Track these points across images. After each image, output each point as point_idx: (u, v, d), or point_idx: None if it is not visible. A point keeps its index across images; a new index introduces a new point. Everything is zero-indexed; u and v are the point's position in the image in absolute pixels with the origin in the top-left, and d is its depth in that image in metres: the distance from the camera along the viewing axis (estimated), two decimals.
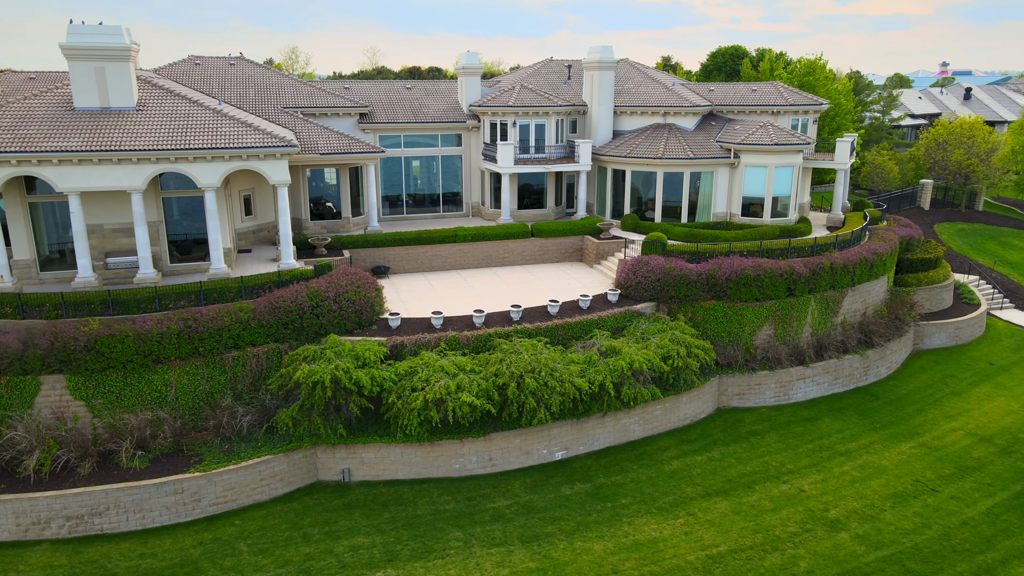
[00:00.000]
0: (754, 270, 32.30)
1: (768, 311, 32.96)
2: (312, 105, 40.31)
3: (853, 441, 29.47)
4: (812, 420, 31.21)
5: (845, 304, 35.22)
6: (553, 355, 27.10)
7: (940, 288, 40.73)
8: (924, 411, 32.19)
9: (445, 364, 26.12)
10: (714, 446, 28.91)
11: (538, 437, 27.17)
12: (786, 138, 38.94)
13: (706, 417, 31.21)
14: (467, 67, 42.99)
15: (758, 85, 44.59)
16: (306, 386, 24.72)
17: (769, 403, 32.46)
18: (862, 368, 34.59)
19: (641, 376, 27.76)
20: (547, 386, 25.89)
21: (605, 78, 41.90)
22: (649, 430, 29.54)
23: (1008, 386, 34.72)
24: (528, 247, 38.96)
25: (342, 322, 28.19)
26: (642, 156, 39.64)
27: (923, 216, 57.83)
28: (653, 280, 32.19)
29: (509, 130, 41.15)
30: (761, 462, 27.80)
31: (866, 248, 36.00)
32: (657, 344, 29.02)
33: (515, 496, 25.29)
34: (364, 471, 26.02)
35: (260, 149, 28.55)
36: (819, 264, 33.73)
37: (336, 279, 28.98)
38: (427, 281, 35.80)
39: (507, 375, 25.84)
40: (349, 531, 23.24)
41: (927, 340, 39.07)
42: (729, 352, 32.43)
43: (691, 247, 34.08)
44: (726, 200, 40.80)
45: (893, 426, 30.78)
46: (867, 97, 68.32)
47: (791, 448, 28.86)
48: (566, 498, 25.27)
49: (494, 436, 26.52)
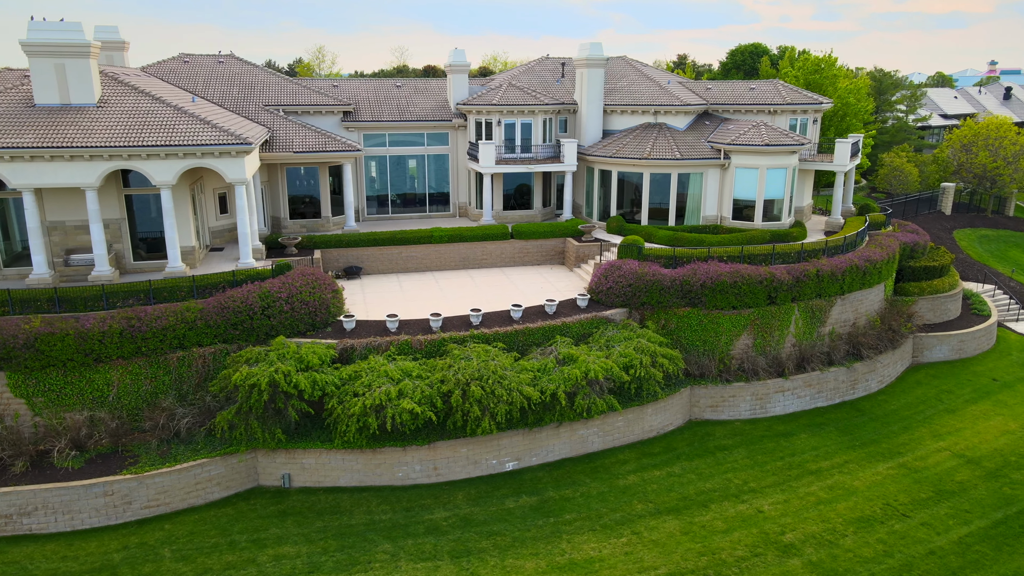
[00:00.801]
0: (731, 276, 30.81)
1: (746, 320, 31.42)
2: (295, 103, 39.96)
3: (827, 459, 27.83)
4: (787, 436, 29.62)
5: (833, 314, 33.44)
6: (505, 362, 26.10)
7: (945, 298, 38.52)
8: (911, 429, 30.31)
9: (391, 369, 25.34)
10: (677, 461, 27.57)
11: (487, 446, 26.21)
12: (779, 138, 37.22)
13: (675, 429, 29.86)
14: (454, 64, 42.21)
15: (757, 83, 42.83)
16: (243, 389, 24.19)
17: (744, 416, 30.94)
18: (849, 381, 32.77)
19: (597, 386, 26.58)
20: (494, 394, 24.89)
21: (594, 76, 40.68)
22: (609, 442, 28.33)
23: (1009, 404, 32.54)
24: (507, 249, 37.98)
25: (294, 323, 27.62)
26: (628, 156, 38.33)
27: (943, 221, 55.13)
28: (624, 285, 30.95)
29: (494, 129, 40.22)
30: (723, 479, 26.39)
31: (858, 255, 34.16)
32: (620, 352, 27.82)
33: (456, 508, 24.39)
34: (305, 477, 25.40)
35: (215, 147, 28.13)
36: (804, 271, 32.06)
37: (291, 280, 28.42)
38: (398, 283, 35.11)
39: (452, 382, 24.95)
40: (277, 539, 22.62)
41: (927, 353, 36.95)
42: (703, 362, 30.99)
43: (668, 251, 32.72)
44: (717, 203, 39.22)
45: (874, 444, 29.02)
46: (892, 96, 65.53)
47: (758, 465, 27.36)
48: (508, 511, 24.27)
49: (439, 445, 25.65)
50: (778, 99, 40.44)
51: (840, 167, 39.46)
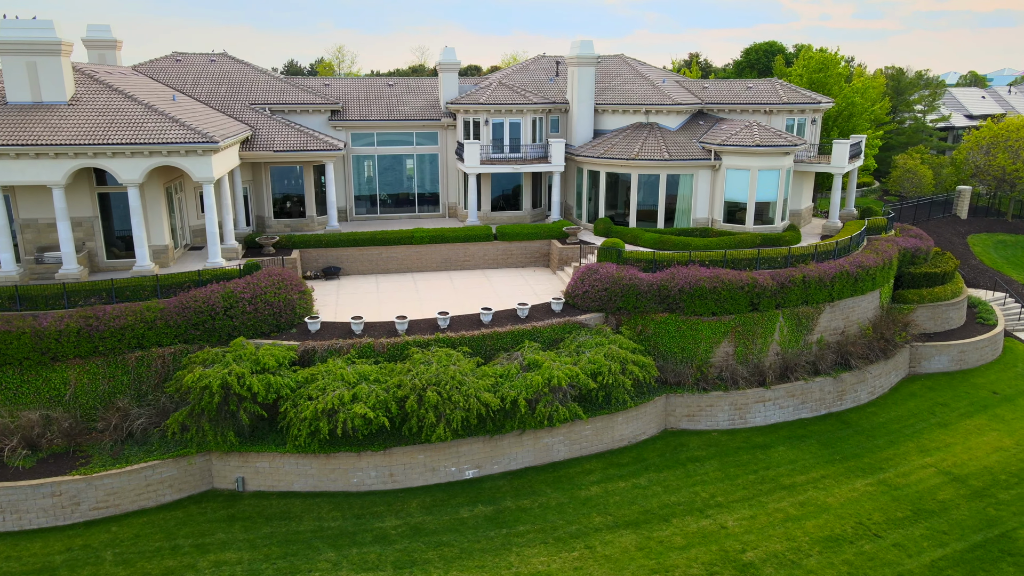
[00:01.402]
0: (711, 282, 29.77)
1: (727, 326, 30.36)
2: (282, 102, 39.74)
3: (803, 474, 26.68)
4: (765, 448, 28.49)
5: (822, 321, 32.17)
6: (465, 367, 25.43)
7: (947, 306, 36.91)
8: (897, 443, 28.97)
9: (347, 373, 24.85)
10: (645, 472, 26.65)
11: (445, 453, 25.57)
12: (771, 139, 35.99)
13: (648, 439, 28.92)
14: (444, 63, 41.65)
15: (754, 82, 41.55)
16: (195, 391, 23.89)
17: (722, 427, 29.86)
18: (836, 392, 31.49)
19: (560, 393, 25.76)
20: (451, 400, 24.26)
21: (584, 74, 39.80)
22: (576, 451, 27.50)
23: (1006, 419, 30.98)
24: (491, 251, 37.29)
25: (258, 324, 27.28)
26: (615, 157, 37.41)
27: (957, 226, 53.12)
28: (600, 290, 30.10)
29: (482, 128, 39.58)
30: (690, 492, 25.40)
31: (850, 260, 32.83)
32: (589, 359, 26.97)
33: (408, 516, 23.79)
34: (259, 481, 25.01)
35: (181, 145, 27.92)
36: (789, 277, 30.87)
37: (256, 280, 28.08)
38: (376, 284, 34.63)
39: (409, 387, 24.37)
40: (222, 545, 22.23)
41: (925, 363, 35.42)
42: (680, 370, 30.00)
43: (648, 254, 31.77)
44: (708, 205, 38.10)
45: (856, 459, 27.77)
46: (910, 96, 63.42)
47: (730, 478, 26.31)
48: (461, 521, 23.60)
49: (395, 451, 25.08)
50: (774, 98, 39.16)
51: (838, 169, 38.06)
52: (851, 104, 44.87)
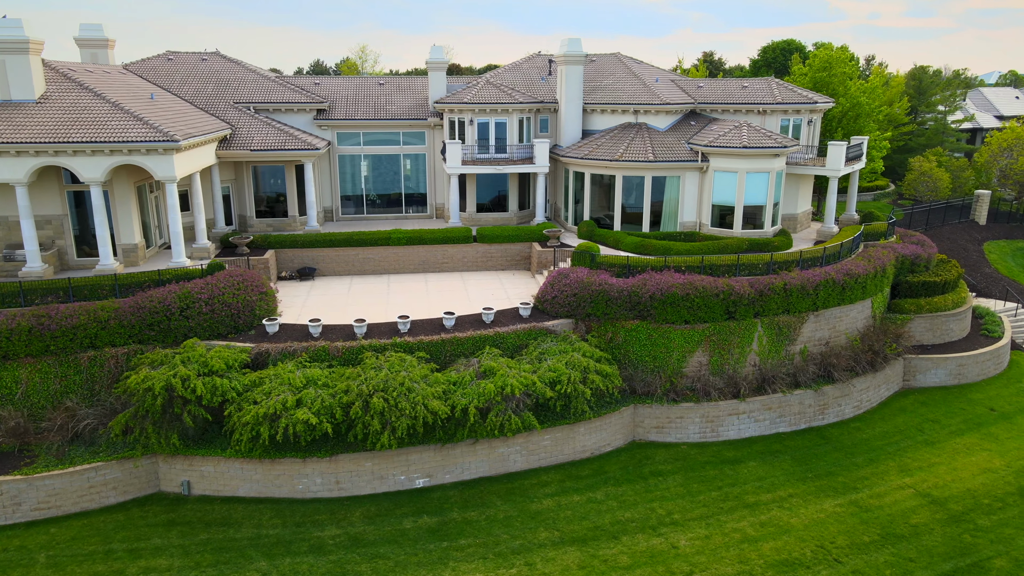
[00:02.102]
0: (683, 288, 28.62)
1: (701, 335, 29.16)
2: (267, 100, 39.54)
3: (769, 492, 25.41)
4: (735, 463, 27.26)
5: (805, 331, 30.76)
6: (417, 373, 24.74)
7: (947, 317, 35.08)
8: (878, 462, 27.48)
9: (294, 377, 24.35)
10: (603, 485, 25.64)
11: (394, 461, 24.91)
12: (760, 140, 34.61)
13: (613, 451, 27.89)
14: (433, 62, 41.05)
15: (750, 81, 40.11)
16: (139, 392, 23.62)
17: (693, 439, 28.69)
18: (817, 406, 30.06)
19: (514, 401, 24.91)
20: (397, 407, 23.61)
21: (572, 73, 38.83)
22: (534, 462, 26.61)
23: (1000, 439, 29.22)
24: (470, 253, 36.55)
25: (214, 326, 26.95)
26: (599, 158, 36.37)
27: (974, 232, 50.77)
28: (569, 295, 29.17)
29: (466, 128, 38.88)
30: (647, 508, 24.34)
31: (837, 268, 31.33)
32: (549, 367, 26.09)
33: (349, 526, 23.18)
34: (204, 485, 24.64)
35: (141, 144, 27.74)
36: (769, 284, 29.55)
37: (215, 281, 27.76)
38: (348, 286, 34.15)
39: (355, 393, 23.78)
40: (155, 551, 21.88)
41: (920, 376, 33.70)
42: (650, 379, 28.91)
43: (621, 259, 30.71)
44: (696, 208, 36.85)
45: (829, 477, 26.38)
46: (931, 96, 60.97)
47: (692, 494, 25.17)
48: (403, 532, 22.91)
49: (341, 458, 24.50)
50: (768, 98, 37.72)
51: (833, 172, 36.47)
52: (856, 105, 43.04)
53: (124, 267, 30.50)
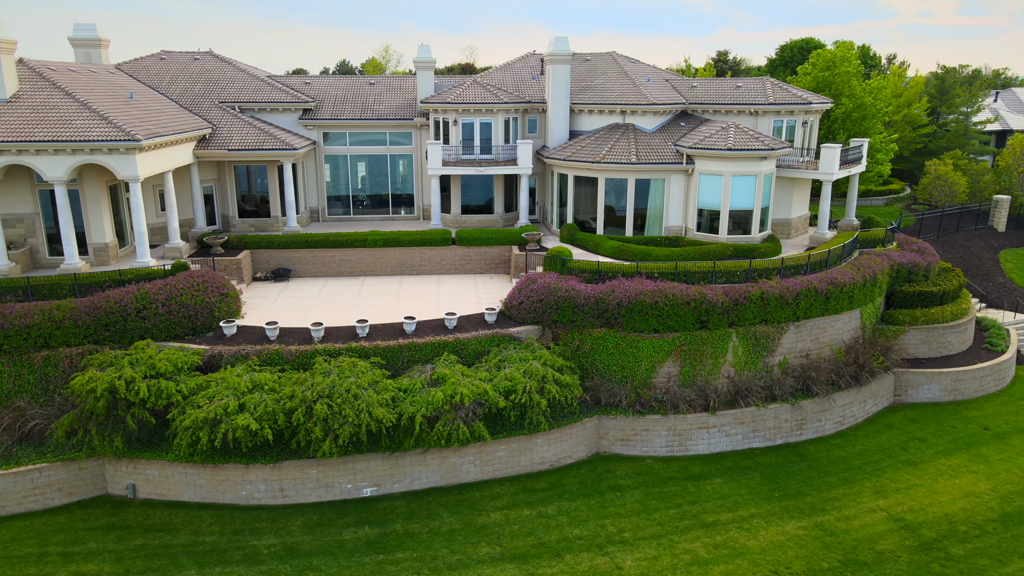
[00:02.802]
0: (651, 296, 27.55)
1: (671, 345, 28.06)
2: (252, 100, 39.38)
3: (731, 511, 24.22)
4: (700, 479, 26.11)
5: (785, 342, 29.42)
6: (365, 380, 24.12)
7: (944, 329, 33.30)
8: (852, 482, 26.07)
9: (240, 381, 23.91)
10: (558, 500, 24.73)
11: (340, 470, 24.34)
12: (747, 142, 33.28)
13: (574, 464, 26.95)
14: (420, 61, 40.45)
15: (745, 81, 38.70)
16: (82, 394, 23.43)
17: (660, 453, 27.59)
18: (795, 421, 28.71)
19: (464, 411, 24.15)
20: (340, 414, 23.04)
21: (558, 72, 37.90)
22: (489, 473, 25.82)
23: (990, 460, 27.53)
24: (448, 256, 35.88)
25: (171, 327, 26.72)
26: (582, 160, 35.40)
27: (991, 239, 48.43)
28: (535, 301, 28.33)
29: (451, 128, 38.21)
30: (598, 525, 23.37)
31: (821, 276, 29.91)
32: (506, 376, 25.27)
33: (288, 535, 22.66)
34: (149, 488, 24.37)
35: (103, 143, 27.65)
36: (745, 293, 28.30)
37: (174, 282, 27.53)
38: (320, 288, 33.72)
39: (299, 399, 23.27)
40: (88, 555, 21.63)
41: (913, 392, 32.03)
42: (616, 390, 27.90)
43: (592, 265, 29.74)
44: (681, 212, 35.64)
45: (798, 497, 25.08)
46: (954, 97, 58.48)
47: (648, 512, 24.12)
48: (341, 544, 22.32)
49: (285, 464, 24.02)
50: (761, 98, 36.31)
51: (826, 176, 34.92)
52: (861, 105, 41.25)
53: (95, 266, 30.49)
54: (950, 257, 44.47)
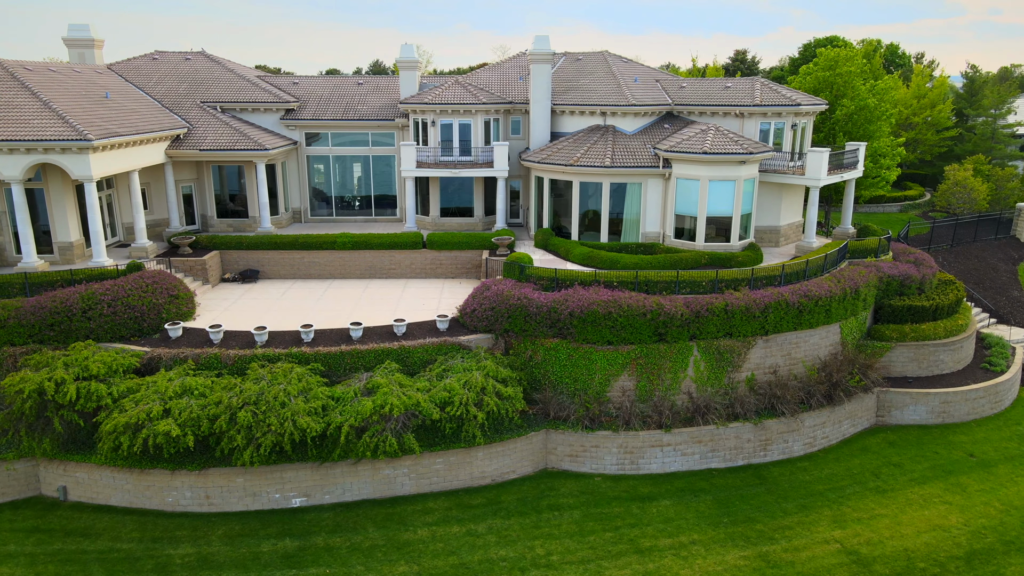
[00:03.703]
0: (604, 306, 26.32)
1: (626, 357, 26.78)
2: (234, 100, 39.26)
3: (672, 536, 22.86)
4: (646, 500, 24.78)
5: (753, 357, 27.84)
6: (296, 387, 23.50)
7: (936, 346, 31.14)
8: (811, 509, 24.41)
9: (171, 386, 23.55)
10: (492, 517, 23.72)
11: (268, 479, 23.78)
12: (725, 145, 31.69)
13: (518, 479, 25.89)
14: (403, 60, 39.83)
15: (734, 81, 36.98)
16: (10, 395, 23.35)
17: (610, 471, 26.33)
18: (758, 441, 27.11)
19: (394, 422, 23.33)
20: (264, 423, 22.49)
21: (539, 72, 36.77)
22: (425, 486, 24.94)
23: (968, 491, 25.50)
24: (419, 259, 35.11)
25: (116, 328, 26.55)
26: (556, 163, 34.23)
27: (1010, 250, 45.48)
28: (487, 308, 27.38)
29: (429, 129, 37.46)
30: (526, 546, 22.29)
31: (794, 288, 28.21)
32: (444, 386, 24.39)
33: (206, 545, 22.18)
34: (80, 491, 24.20)
35: (56, 143, 27.65)
36: (707, 304, 26.83)
37: (123, 282, 27.38)
38: (284, 290, 33.30)
39: (224, 405, 22.79)
40: (4, 558, 21.49)
41: (897, 413, 30.03)
42: (567, 403, 26.74)
43: (550, 272, 28.61)
44: (659, 218, 34.20)
45: (748, 523, 23.56)
46: (983, 99, 55.30)
47: (583, 534, 22.93)
48: (256, 556, 21.73)
49: (211, 472, 23.55)
50: (747, 99, 34.61)
51: (813, 182, 33.04)
52: (864, 108, 39.04)
53: (60, 265, 30.57)
54: (961, 268, 41.90)
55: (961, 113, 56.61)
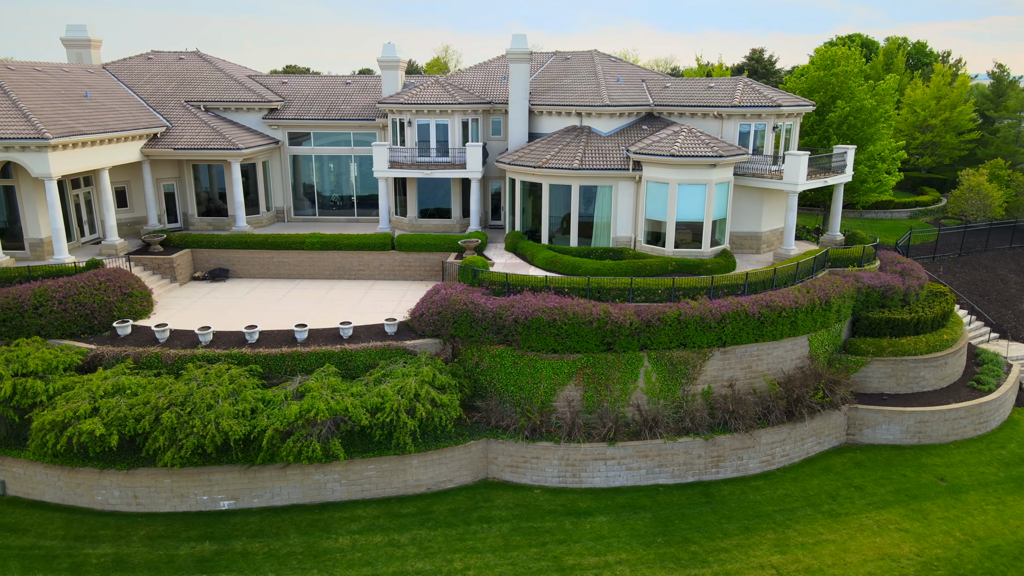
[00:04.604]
0: (549, 313, 25.52)
1: (572, 367, 25.93)
2: (217, 99, 39.52)
3: (599, 555, 21.95)
4: (582, 516, 23.90)
5: (710, 370, 26.68)
6: (224, 389, 23.33)
7: (915, 362, 29.41)
8: (754, 531, 23.20)
9: (105, 384, 23.61)
10: (418, 527, 23.16)
11: (195, 480, 23.64)
12: (694, 148, 30.50)
13: (456, 488, 25.27)
14: (384, 60, 39.47)
15: (717, 81, 35.63)
16: None
17: (551, 484, 25.50)
18: (710, 457, 25.94)
19: (319, 427, 22.94)
20: (188, 424, 22.37)
21: (517, 72, 36.03)
22: (357, 493, 24.52)
23: (929, 518, 23.94)
24: (387, 261, 34.74)
25: (66, 325, 26.84)
26: (526, 164, 33.47)
27: None
28: (434, 313, 26.86)
29: (406, 130, 37.08)
30: (444, 560, 21.67)
31: (755, 299, 26.94)
32: (378, 392, 23.94)
33: (126, 545, 22.13)
34: (17, 486, 24.45)
35: (15, 140, 28.08)
36: (658, 314, 25.80)
37: (77, 280, 27.65)
38: (248, 289, 33.26)
39: (151, 406, 22.74)
40: None
41: (869, 432, 28.46)
42: (509, 412, 26.03)
43: (500, 277, 27.91)
44: (631, 222, 33.15)
45: (682, 544, 22.51)
46: (1008, 100, 52.44)
47: (507, 549, 22.20)
48: (171, 558, 21.58)
49: (139, 472, 23.53)
50: (726, 100, 33.28)
51: (790, 186, 31.58)
52: (860, 109, 37.17)
53: (32, 261, 31.06)
54: (967, 279, 39.69)
55: (986, 115, 53.80)
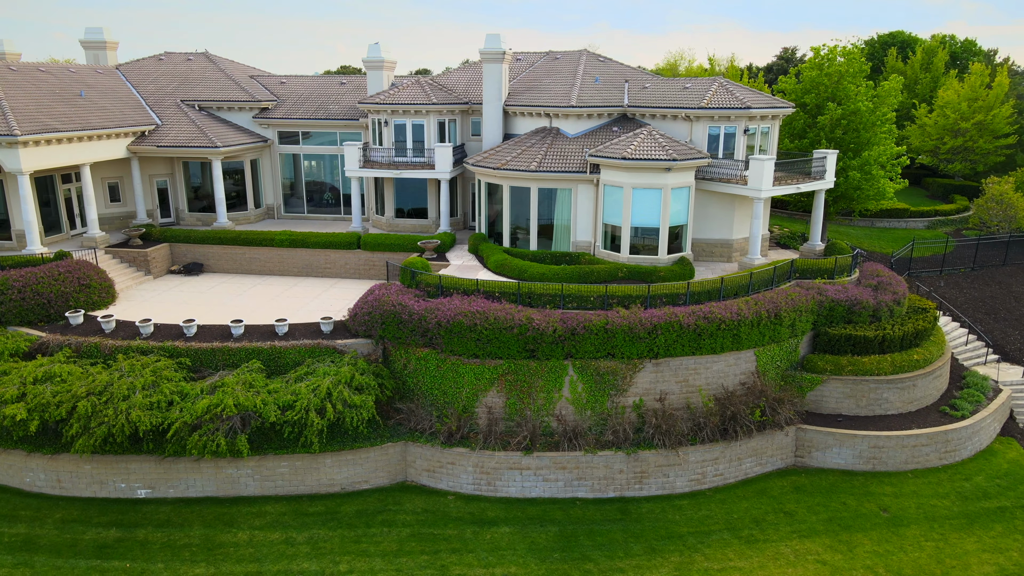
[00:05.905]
0: (470, 317, 25.14)
1: (494, 373, 25.47)
2: (211, 99, 40.74)
3: (488, 568, 21.47)
4: (486, 525, 23.43)
5: (641, 382, 25.71)
6: (142, 381, 24.01)
7: (879, 383, 27.46)
8: (658, 553, 22.20)
9: (38, 371, 24.68)
10: (320, 527, 23.22)
11: (114, 468, 24.43)
12: (649, 151, 29.42)
13: (372, 489, 25.22)
14: (369, 60, 39.81)
15: (693, 81, 34.26)
16: None
17: (467, 490, 25.11)
18: (633, 473, 24.97)
19: (227, 421, 23.29)
20: (102, 413, 23.15)
21: (490, 72, 35.68)
22: (270, 488, 24.78)
23: (855, 551, 22.32)
24: (353, 260, 35.03)
25: (24, 313, 28.21)
26: (488, 166, 33.09)
27: None
28: (365, 313, 26.90)
29: (383, 130, 37.29)
30: (331, 561, 21.63)
31: (693, 309, 25.78)
32: (292, 390, 24.18)
33: (40, 526, 23.08)
34: None
35: None
36: (584, 322, 25.03)
37: (36, 270, 29.00)
38: (213, 284, 34.15)
39: (71, 394, 23.64)
40: None
41: (819, 455, 26.79)
42: (427, 415, 25.77)
43: (434, 279, 27.68)
44: (591, 227, 32.29)
45: (578, 562, 21.75)
46: None
47: (399, 554, 21.99)
48: (74, 543, 22.36)
49: (62, 457, 24.48)
50: (695, 102, 31.96)
51: (754, 192, 30.05)
52: (855, 112, 34.93)
53: (17, 250, 32.83)
54: (974, 296, 36.84)
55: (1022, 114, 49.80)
